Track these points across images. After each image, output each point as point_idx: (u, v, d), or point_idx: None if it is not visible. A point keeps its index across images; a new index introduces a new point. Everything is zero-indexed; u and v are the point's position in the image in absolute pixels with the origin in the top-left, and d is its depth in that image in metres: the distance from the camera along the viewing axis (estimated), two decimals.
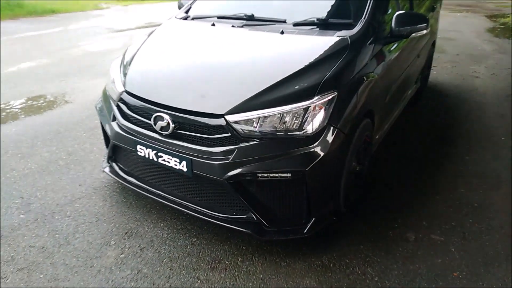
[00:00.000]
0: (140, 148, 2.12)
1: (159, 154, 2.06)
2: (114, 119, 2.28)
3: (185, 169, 1.99)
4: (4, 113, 3.97)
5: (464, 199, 2.60)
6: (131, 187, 2.36)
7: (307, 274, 1.98)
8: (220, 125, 1.90)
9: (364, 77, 2.20)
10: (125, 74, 2.33)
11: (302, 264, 2.04)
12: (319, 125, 1.89)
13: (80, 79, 5.10)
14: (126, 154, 2.38)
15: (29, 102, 4.31)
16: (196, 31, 2.67)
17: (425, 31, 2.52)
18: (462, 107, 4.29)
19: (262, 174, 1.87)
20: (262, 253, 2.11)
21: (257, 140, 1.89)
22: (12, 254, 2.09)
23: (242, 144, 1.88)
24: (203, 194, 2.10)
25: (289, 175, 1.86)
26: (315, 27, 2.40)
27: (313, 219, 2.02)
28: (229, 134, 1.89)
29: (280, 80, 1.98)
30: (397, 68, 2.83)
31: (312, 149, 1.87)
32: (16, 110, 4.09)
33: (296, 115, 1.88)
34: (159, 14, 10.72)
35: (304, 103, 1.88)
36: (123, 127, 2.21)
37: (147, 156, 2.11)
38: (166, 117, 1.99)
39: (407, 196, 2.63)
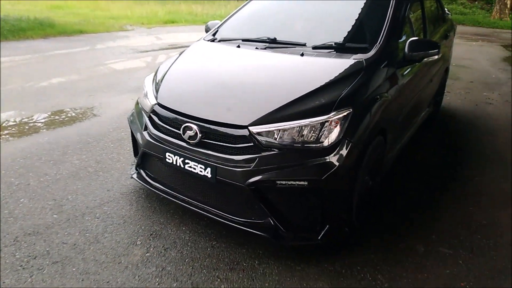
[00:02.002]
0: (169, 156, 2.31)
1: (186, 161, 2.24)
2: (146, 129, 2.48)
3: (209, 175, 2.17)
4: (37, 124, 4.25)
5: (473, 217, 2.69)
6: (157, 192, 2.54)
7: (320, 278, 2.10)
8: (244, 136, 2.08)
9: (378, 97, 2.37)
10: (157, 89, 2.56)
11: (316, 269, 2.16)
12: (335, 138, 2.05)
13: (107, 95, 5.40)
14: (153, 162, 2.57)
15: (60, 114, 4.60)
16: (222, 52, 2.91)
17: (436, 57, 2.70)
18: (474, 132, 4.39)
19: (281, 182, 2.03)
20: (277, 258, 2.24)
21: (277, 150, 2.06)
22: (47, 249, 2.26)
23: (263, 153, 2.06)
24: (225, 199, 2.26)
25: (306, 183, 2.02)
26: (333, 50, 2.60)
27: (327, 226, 2.15)
28: (252, 144, 2.07)
29: (300, 97, 2.16)
30: (410, 91, 3.00)
31: (328, 160, 2.03)
32: (48, 121, 4.37)
33: (313, 128, 2.06)
34: (180, 37, 11.20)
35: (321, 118, 2.06)
36: (154, 136, 2.41)
37: (174, 163, 2.29)
38: (194, 127, 2.19)
39: (418, 213, 2.74)
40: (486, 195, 3.00)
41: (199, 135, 2.18)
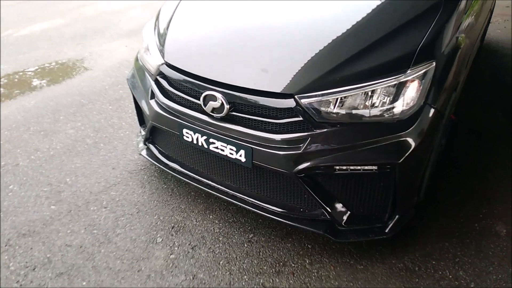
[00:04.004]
0: (187, 133, 1.79)
1: (211, 140, 1.72)
2: (153, 96, 1.92)
3: (243, 159, 1.66)
4: (20, 83, 3.64)
5: None
6: (174, 174, 2.06)
7: (389, 280, 1.69)
8: (289, 108, 1.54)
9: (460, 42, 1.78)
10: (162, 41, 1.94)
11: (382, 268, 1.74)
12: (415, 105, 1.51)
13: (97, 42, 4.69)
14: (166, 135, 2.05)
15: (46, 69, 3.96)
16: None
17: None
18: None
19: (341, 167, 1.54)
20: (331, 253, 1.82)
21: (335, 125, 1.53)
22: (48, 255, 1.84)
23: (316, 131, 1.53)
24: (264, 186, 1.78)
25: (375, 167, 1.52)
26: None
27: (397, 217, 1.70)
28: (301, 119, 1.53)
29: (363, 49, 1.57)
30: (478, 26, 2.37)
31: (406, 137, 1.51)
32: (33, 79, 3.76)
33: (384, 93, 1.50)
34: None
35: (396, 78, 1.49)
36: (164, 106, 1.86)
37: (195, 142, 1.78)
38: (219, 96, 1.63)
39: (488, 179, 2.27)
40: None
41: (226, 106, 1.63)
